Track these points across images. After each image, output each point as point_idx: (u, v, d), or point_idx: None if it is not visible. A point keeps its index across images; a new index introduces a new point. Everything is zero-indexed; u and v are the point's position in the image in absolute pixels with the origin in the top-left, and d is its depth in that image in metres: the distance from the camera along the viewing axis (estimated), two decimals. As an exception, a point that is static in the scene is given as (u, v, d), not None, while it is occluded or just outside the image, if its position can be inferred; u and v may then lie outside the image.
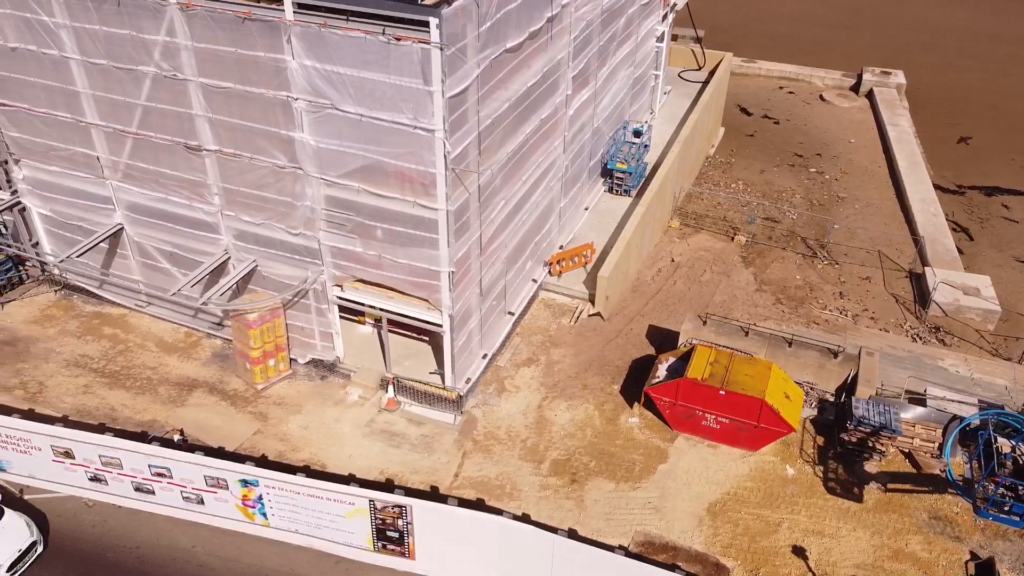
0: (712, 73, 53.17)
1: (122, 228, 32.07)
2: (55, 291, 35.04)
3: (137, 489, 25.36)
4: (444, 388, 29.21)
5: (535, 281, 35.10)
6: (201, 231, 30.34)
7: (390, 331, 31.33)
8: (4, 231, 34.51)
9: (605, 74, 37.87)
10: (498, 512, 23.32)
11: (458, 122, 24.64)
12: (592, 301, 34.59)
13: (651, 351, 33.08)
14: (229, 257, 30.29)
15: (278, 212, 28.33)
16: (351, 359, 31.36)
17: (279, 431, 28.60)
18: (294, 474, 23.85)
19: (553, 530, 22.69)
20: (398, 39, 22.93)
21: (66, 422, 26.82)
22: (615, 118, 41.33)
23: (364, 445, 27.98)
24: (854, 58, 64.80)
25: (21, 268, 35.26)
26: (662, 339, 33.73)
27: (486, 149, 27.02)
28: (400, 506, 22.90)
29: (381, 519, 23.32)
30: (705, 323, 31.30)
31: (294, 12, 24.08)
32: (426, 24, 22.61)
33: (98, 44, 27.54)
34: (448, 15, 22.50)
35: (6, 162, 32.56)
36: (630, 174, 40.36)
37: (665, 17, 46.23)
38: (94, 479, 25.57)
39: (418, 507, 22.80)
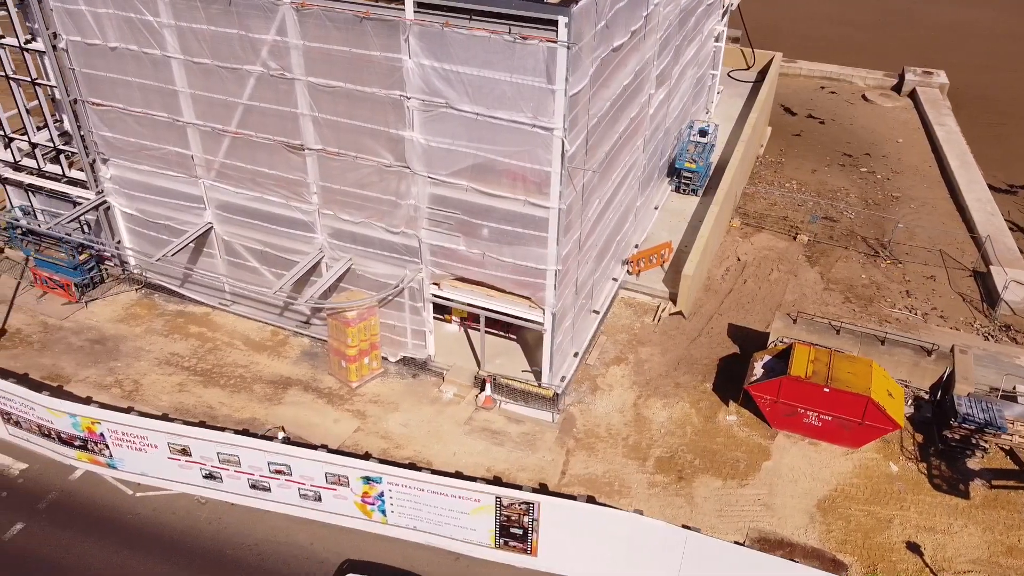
0: (762, 73, 53.40)
1: (211, 227, 32.02)
2: (136, 290, 35.03)
3: (253, 486, 25.41)
4: (541, 386, 29.28)
5: (615, 280, 35.26)
6: (296, 230, 30.42)
7: (478, 329, 31.49)
8: (88, 230, 34.47)
9: (677, 73, 38.09)
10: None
11: (574, 121, 24.76)
12: (673, 300, 34.74)
13: (735, 349, 33.26)
14: (323, 256, 30.30)
15: (379, 211, 28.41)
16: (439, 357, 31.47)
17: (379, 429, 28.69)
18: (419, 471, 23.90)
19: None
20: (524, 38, 22.98)
21: (167, 420, 26.84)
22: (680, 117, 41.54)
23: (467, 443, 28.09)
24: (887, 58, 65.14)
25: (101, 267, 35.22)
26: (743, 338, 33.92)
27: (590, 148, 27.16)
28: (527, 503, 22.98)
29: (506, 516, 23.44)
30: (795, 321, 31.49)
31: (415, 11, 24.07)
32: (553, 23, 22.72)
33: (203, 43, 27.58)
34: (576, 13, 22.62)
35: (94, 161, 32.54)
36: (697, 173, 40.53)
37: (723, 17, 46.45)
38: (209, 476, 25.64)
39: (547, 503, 22.89)
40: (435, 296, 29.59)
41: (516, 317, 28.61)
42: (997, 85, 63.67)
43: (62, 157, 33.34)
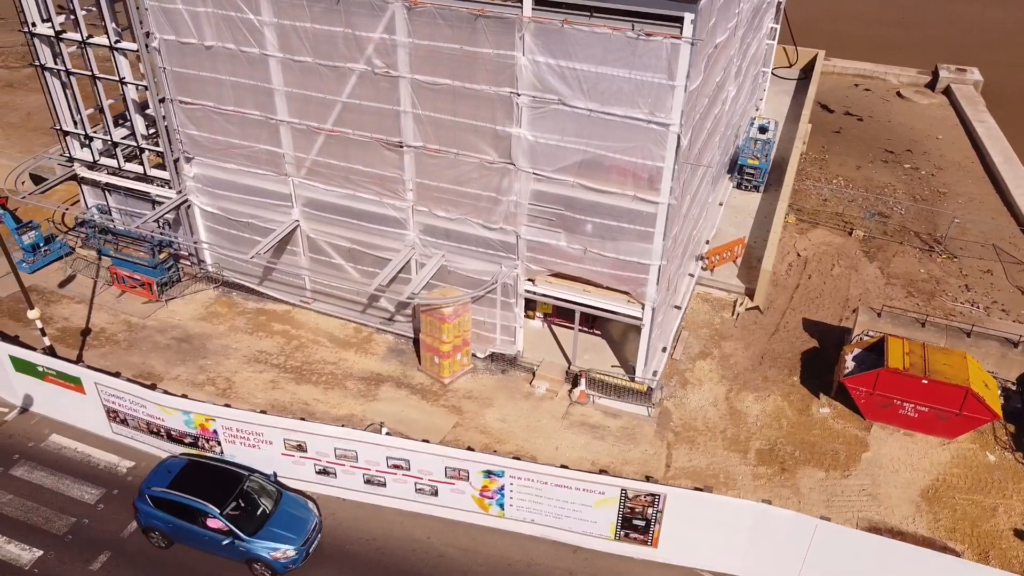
0: (805, 70, 53.84)
1: (297, 224, 32.13)
2: (214, 288, 35.08)
3: (367, 482, 25.54)
4: (635, 381, 29.54)
5: (692, 276, 35.56)
6: (387, 226, 30.54)
7: (562, 325, 31.78)
8: (167, 229, 34.49)
9: (744, 70, 38.45)
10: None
11: (687, 117, 25.02)
12: (750, 295, 35.07)
13: (813, 343, 33.62)
14: (414, 252, 30.46)
15: (479, 207, 28.59)
16: (525, 353, 31.66)
17: (478, 424, 28.88)
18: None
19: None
20: (648, 35, 23.23)
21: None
22: (741, 114, 41.92)
23: (568, 437, 28.32)
24: (917, 56, 65.62)
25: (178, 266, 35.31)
26: (819, 332, 34.30)
27: (691, 144, 27.43)
28: (653, 494, 23.24)
29: (630, 508, 23.69)
30: (880, 315, 31.86)
31: (532, 8, 24.28)
32: (678, 19, 22.97)
33: (305, 41, 27.68)
34: (702, 9, 22.90)
35: (177, 160, 32.58)
36: (760, 170, 40.89)
37: (777, 14, 46.87)
38: (322, 472, 25.74)
39: (673, 495, 23.16)
40: (529, 292, 29.73)
41: (613, 312, 28.81)
42: (1029, 83, 64.26)
43: (144, 156, 33.23)
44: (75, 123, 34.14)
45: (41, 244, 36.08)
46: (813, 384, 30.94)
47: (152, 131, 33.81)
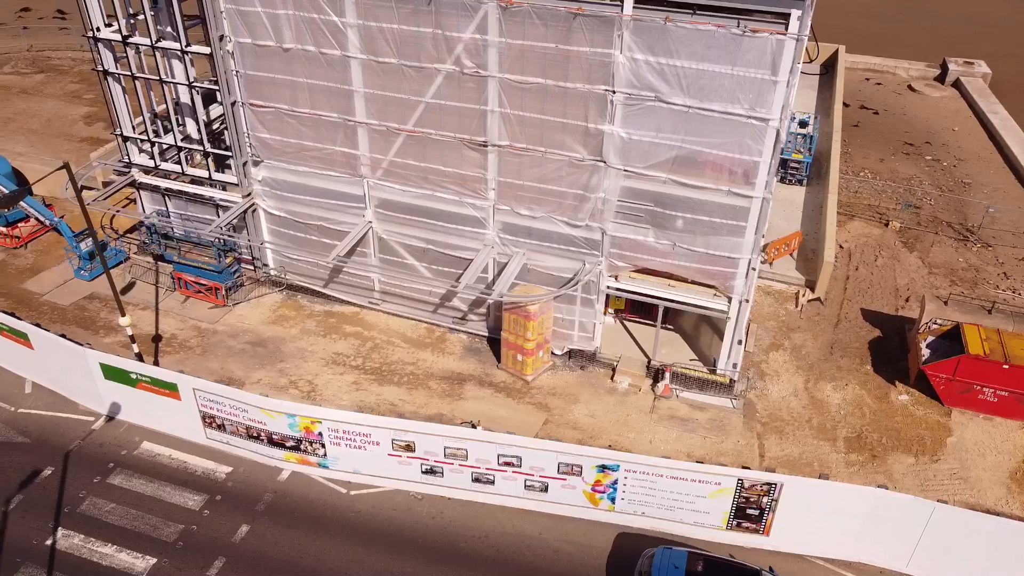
0: (825, 65, 54.62)
1: (370, 225, 32.14)
2: (279, 291, 34.97)
3: (476, 480, 25.66)
4: (718, 373, 29.95)
5: (754, 269, 35.92)
6: (466, 226, 30.63)
7: (635, 320, 32.10)
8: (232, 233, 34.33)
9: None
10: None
11: (785, 112, 25.43)
12: (811, 287, 35.63)
13: (876, 333, 34.25)
14: (493, 251, 30.60)
15: (563, 205, 28.81)
16: (601, 349, 31.97)
17: (567, 420, 29.12)
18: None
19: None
20: (754, 31, 23.61)
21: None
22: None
23: (660, 431, 28.64)
24: (923, 50, 66.85)
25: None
26: (880, 321, 34.94)
27: (778, 138, 27.81)
28: (770, 483, 23.63)
29: (746, 497, 24.04)
30: (946, 303, 32.52)
31: (633, 6, 24.56)
32: (784, 16, 23.37)
33: (390, 43, 27.71)
34: (808, 6, 23.30)
35: (245, 163, 32.44)
36: (804, 163, 41.51)
37: (806, 11, 47.42)
38: (428, 472, 25.83)
39: (790, 483, 23.56)
40: (612, 288, 29.99)
41: (699, 307, 29.16)
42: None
43: (209, 160, 33.06)
44: (133, 127, 33.77)
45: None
46: (886, 372, 31.53)
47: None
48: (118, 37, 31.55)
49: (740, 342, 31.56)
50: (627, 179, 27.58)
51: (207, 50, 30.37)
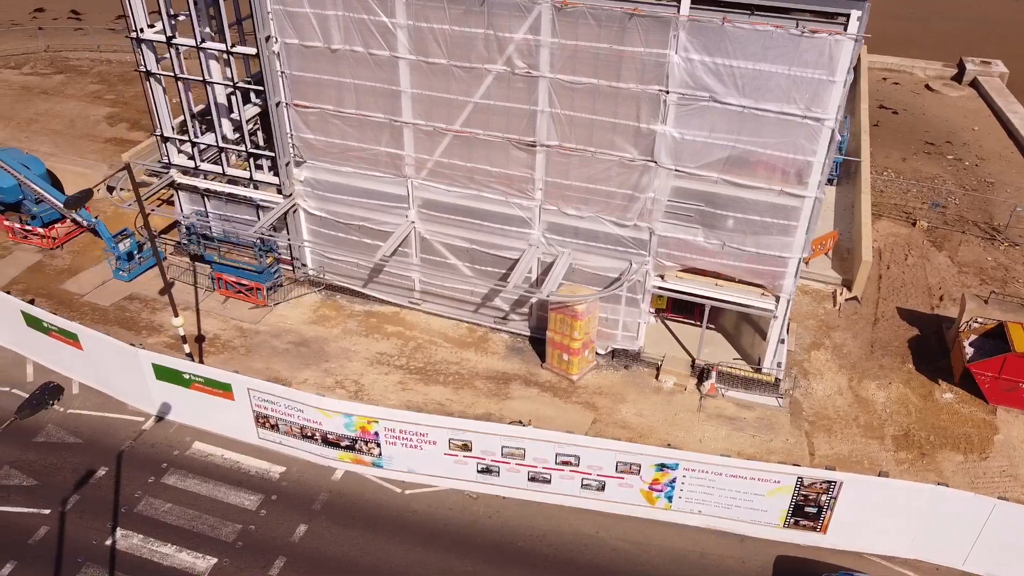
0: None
1: (413, 226, 32.21)
2: (317, 291, 35.03)
3: (532, 479, 25.76)
4: (763, 372, 30.08)
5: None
6: (511, 226, 30.71)
7: (676, 320, 32.23)
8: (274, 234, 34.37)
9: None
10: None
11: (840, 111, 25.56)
12: (848, 286, 35.79)
13: (914, 331, 34.42)
14: (537, 250, 30.69)
15: (611, 205, 28.92)
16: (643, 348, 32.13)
17: (616, 419, 29.24)
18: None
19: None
20: (813, 32, 23.74)
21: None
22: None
23: (709, 429, 28.77)
24: (939, 50, 67.10)
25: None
26: (917, 320, 35.10)
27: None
28: (829, 481, 23.76)
29: (804, 495, 24.17)
30: (987, 301, 32.71)
31: (690, 7, 24.67)
32: (844, 16, 23.52)
33: (440, 43, 27.78)
34: (867, 7, 23.44)
35: (287, 164, 32.48)
36: (834, 164, 41.65)
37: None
38: (484, 471, 25.90)
39: (850, 480, 23.70)
40: (659, 288, 30.10)
41: (746, 306, 29.29)
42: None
43: (251, 160, 33.10)
44: (172, 128, 33.80)
45: (135, 252, 35.69)
46: (927, 370, 31.69)
47: (237, 136, 33.64)
48: (162, 38, 31.42)
49: (782, 341, 31.73)
50: (677, 179, 27.64)
51: (252, 51, 30.30)
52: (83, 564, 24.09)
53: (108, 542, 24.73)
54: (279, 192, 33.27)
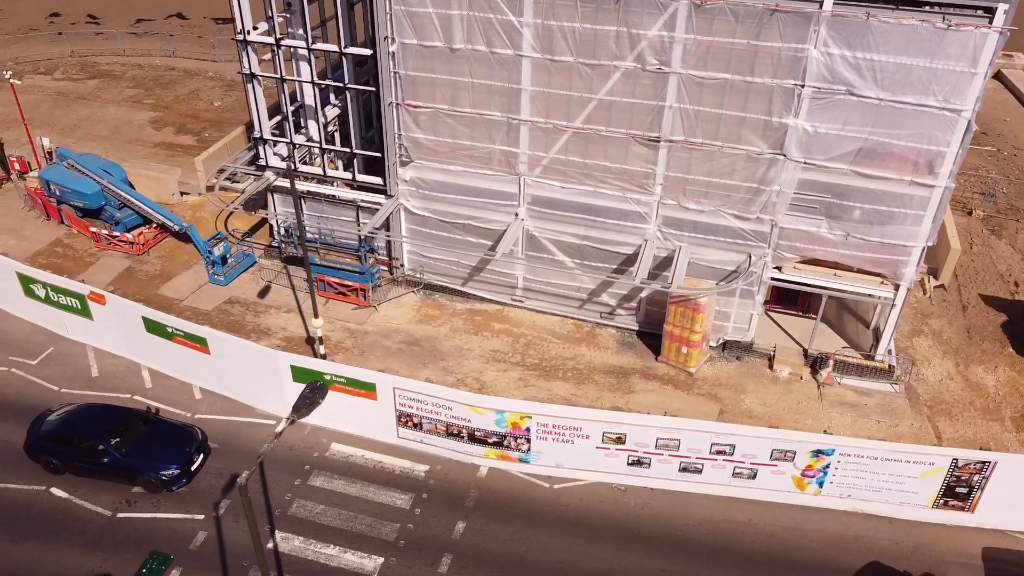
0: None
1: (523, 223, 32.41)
2: (415, 291, 35.09)
3: (683, 470, 26.12)
4: (877, 359, 30.72)
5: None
6: (626, 221, 31.02)
7: (781, 310, 32.80)
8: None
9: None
10: None
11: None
12: (934, 274, 36.59)
13: (1003, 316, 35.32)
14: (653, 245, 31.03)
15: (734, 198, 29.33)
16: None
17: (742, 409, 29.69)
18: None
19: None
20: (958, 25, 24.35)
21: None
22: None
23: (834, 416, 29.33)
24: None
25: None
26: (1002, 305, 36.01)
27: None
28: (983, 462, 24.41)
29: (957, 476, 24.79)
30: (1079, 286, 33.68)
31: (833, 3, 25.18)
32: (987, 10, 24.15)
33: (568, 41, 28.02)
34: (1014, 0, 24.09)
35: (394, 164, 32.53)
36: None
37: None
38: (635, 463, 26.22)
39: (1005, 460, 24.36)
40: (776, 279, 30.59)
41: (866, 295, 29.87)
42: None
43: (356, 161, 33.10)
44: (271, 131, 33.69)
45: (229, 256, 35.50)
46: (1028, 353, 32.54)
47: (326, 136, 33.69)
48: (270, 39, 31.30)
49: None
50: (805, 171, 28.11)
51: (368, 52, 30.30)
52: (249, 568, 23.95)
53: (269, 545, 24.57)
54: (378, 192, 33.21)
